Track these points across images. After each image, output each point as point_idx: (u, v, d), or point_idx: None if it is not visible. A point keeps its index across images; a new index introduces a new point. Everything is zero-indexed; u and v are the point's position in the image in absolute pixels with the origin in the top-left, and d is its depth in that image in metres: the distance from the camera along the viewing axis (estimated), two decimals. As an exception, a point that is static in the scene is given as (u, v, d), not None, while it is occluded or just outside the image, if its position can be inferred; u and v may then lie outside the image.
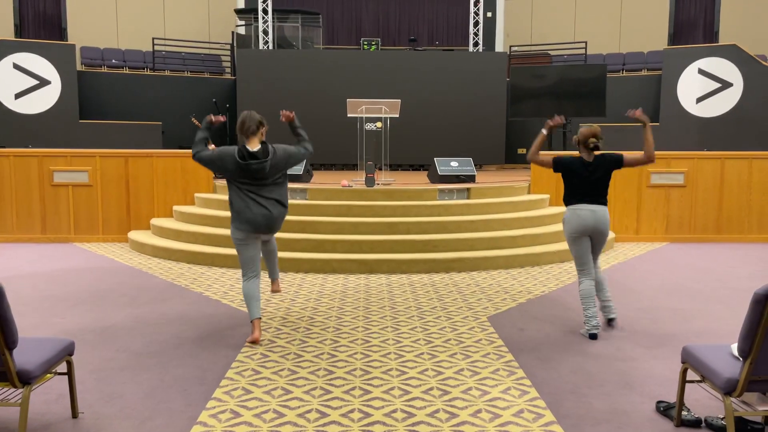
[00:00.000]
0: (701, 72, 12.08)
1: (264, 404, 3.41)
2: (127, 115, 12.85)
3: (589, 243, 4.68)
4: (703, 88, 12.08)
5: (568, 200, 4.71)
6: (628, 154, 4.71)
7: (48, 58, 11.99)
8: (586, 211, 4.59)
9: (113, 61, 14.93)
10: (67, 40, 14.99)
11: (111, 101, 12.94)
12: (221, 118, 4.57)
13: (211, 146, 4.77)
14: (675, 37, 15.85)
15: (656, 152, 4.75)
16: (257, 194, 4.35)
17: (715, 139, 11.86)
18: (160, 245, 7.75)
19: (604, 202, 4.67)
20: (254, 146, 4.33)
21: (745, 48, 12.05)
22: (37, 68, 11.93)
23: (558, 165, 4.70)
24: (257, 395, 3.53)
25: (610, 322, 4.89)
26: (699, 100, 12.13)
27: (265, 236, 4.61)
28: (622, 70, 14.97)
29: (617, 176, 8.82)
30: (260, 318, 4.54)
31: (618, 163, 4.67)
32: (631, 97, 13.28)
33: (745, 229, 9.01)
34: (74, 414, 3.25)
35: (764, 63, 11.93)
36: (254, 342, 4.41)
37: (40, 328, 4.81)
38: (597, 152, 4.62)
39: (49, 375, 3.07)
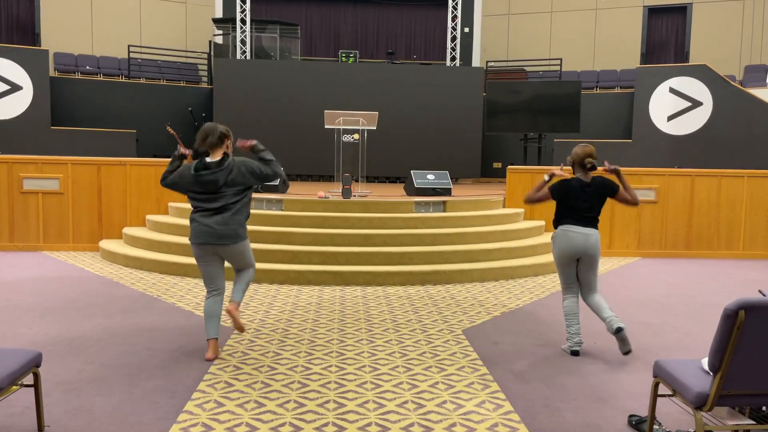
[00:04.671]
0: (672, 91, 12.34)
1: (237, 417, 3.36)
2: (100, 122, 12.67)
3: (574, 268, 4.59)
4: (674, 107, 12.34)
5: (559, 221, 4.59)
6: (621, 190, 4.61)
7: (20, 63, 11.78)
8: (578, 234, 4.49)
9: (87, 67, 14.75)
10: (40, 46, 14.77)
11: (84, 108, 12.74)
12: (187, 151, 4.33)
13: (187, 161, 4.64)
14: (647, 57, 16.21)
15: (628, 168, 4.79)
16: (209, 206, 4.21)
17: (686, 157, 12.11)
18: (132, 255, 7.63)
19: (596, 225, 4.57)
20: (215, 158, 4.19)
21: (715, 68, 12.36)
22: (8, 73, 11.72)
23: (554, 192, 4.57)
24: (230, 408, 3.48)
25: (618, 332, 4.47)
26: (670, 118, 12.39)
27: (223, 251, 4.28)
28: (596, 88, 15.24)
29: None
30: (217, 338, 4.32)
31: (613, 192, 4.58)
32: (605, 114, 13.52)
33: (714, 245, 9.19)
34: (40, 427, 3.17)
35: (733, 83, 12.24)
36: (209, 360, 4.26)
37: (6, 339, 4.69)
38: (593, 173, 4.57)
39: (14, 387, 2.98)
